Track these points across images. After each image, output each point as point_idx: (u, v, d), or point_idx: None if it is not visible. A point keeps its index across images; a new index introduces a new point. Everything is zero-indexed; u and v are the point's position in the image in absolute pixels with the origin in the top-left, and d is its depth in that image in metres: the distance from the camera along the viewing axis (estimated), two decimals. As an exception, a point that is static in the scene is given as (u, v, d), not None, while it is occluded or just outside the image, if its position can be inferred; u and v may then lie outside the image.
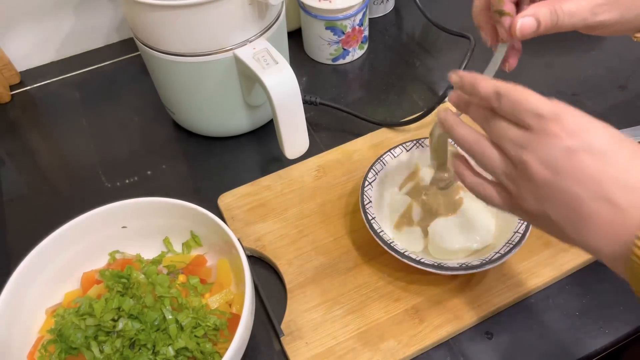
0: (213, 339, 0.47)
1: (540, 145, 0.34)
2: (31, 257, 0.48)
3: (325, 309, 0.51)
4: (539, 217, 0.37)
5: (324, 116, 0.70)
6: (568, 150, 0.34)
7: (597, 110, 0.67)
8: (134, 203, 0.52)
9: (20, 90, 0.78)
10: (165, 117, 0.71)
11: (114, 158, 0.68)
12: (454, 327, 0.49)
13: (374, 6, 0.83)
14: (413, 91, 0.73)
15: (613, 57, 0.75)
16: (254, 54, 0.55)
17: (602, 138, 0.34)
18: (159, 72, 0.61)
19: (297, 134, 0.57)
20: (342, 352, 0.48)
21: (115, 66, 0.80)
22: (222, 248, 0.51)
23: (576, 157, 0.34)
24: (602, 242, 0.34)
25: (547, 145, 0.34)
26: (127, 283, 0.48)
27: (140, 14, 0.54)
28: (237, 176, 0.63)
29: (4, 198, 0.65)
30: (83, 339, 0.45)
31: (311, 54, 0.78)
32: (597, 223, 0.34)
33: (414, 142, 0.57)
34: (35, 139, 0.72)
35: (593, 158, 0.33)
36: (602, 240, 0.34)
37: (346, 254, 0.55)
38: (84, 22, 0.79)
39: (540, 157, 0.34)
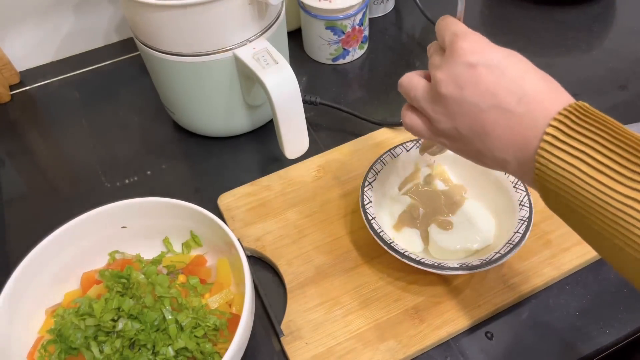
0: (213, 339, 0.47)
1: (449, 62, 0.39)
2: (31, 257, 0.48)
3: (325, 309, 0.51)
4: (452, 136, 0.40)
5: (324, 116, 0.70)
6: (469, 65, 0.37)
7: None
8: (134, 203, 0.52)
9: (20, 90, 0.78)
10: (165, 117, 0.71)
11: (114, 158, 0.68)
12: (454, 327, 0.49)
13: (374, 6, 0.83)
14: (413, 91, 0.73)
15: (613, 57, 0.75)
16: (253, 54, 0.55)
17: (499, 55, 0.38)
18: (158, 72, 0.61)
19: (297, 134, 0.57)
20: (342, 352, 0.48)
21: (115, 66, 0.80)
22: (222, 248, 0.51)
23: (475, 71, 0.37)
24: (506, 153, 0.37)
25: (453, 62, 0.38)
26: (127, 283, 0.48)
27: (140, 14, 0.54)
28: (237, 176, 0.63)
29: (4, 198, 0.65)
30: (83, 339, 0.45)
31: (311, 54, 0.78)
32: (497, 132, 0.37)
33: (414, 142, 0.57)
34: (35, 139, 0.72)
35: (489, 71, 0.37)
36: (505, 150, 0.37)
37: (346, 254, 0.55)
38: (83, 22, 0.79)
39: (448, 73, 0.38)
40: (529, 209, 0.50)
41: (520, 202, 0.51)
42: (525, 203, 0.51)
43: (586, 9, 0.82)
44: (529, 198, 0.51)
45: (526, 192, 0.52)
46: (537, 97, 0.36)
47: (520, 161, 0.37)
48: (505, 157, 0.37)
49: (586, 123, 0.34)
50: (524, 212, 0.50)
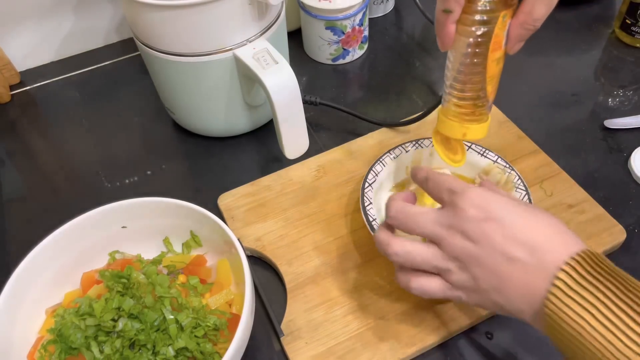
0: (213, 339, 0.47)
1: (455, 219, 0.39)
2: (31, 257, 0.48)
3: (325, 309, 0.51)
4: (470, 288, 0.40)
5: (324, 116, 0.70)
6: (477, 219, 0.38)
7: (596, 110, 0.68)
8: (134, 203, 0.52)
9: (20, 90, 0.78)
10: (165, 117, 0.71)
11: (114, 158, 0.68)
12: (454, 327, 0.49)
13: (374, 6, 0.83)
14: (413, 91, 0.73)
15: (613, 57, 0.75)
16: (253, 54, 0.55)
17: (504, 206, 0.39)
18: (158, 72, 0.61)
19: (297, 134, 0.57)
20: (342, 352, 0.48)
21: (115, 66, 0.80)
22: (222, 248, 0.51)
23: (485, 225, 0.38)
24: (522, 302, 0.37)
25: (460, 219, 0.39)
26: (127, 283, 0.48)
27: (140, 14, 0.54)
28: (237, 176, 0.63)
29: (4, 198, 0.65)
30: (83, 339, 0.45)
31: (311, 54, 0.78)
32: (513, 283, 0.37)
33: (414, 142, 0.57)
34: (35, 139, 0.72)
35: (498, 225, 0.38)
36: (520, 300, 0.38)
37: (346, 254, 0.55)
38: (83, 22, 0.79)
39: (458, 230, 0.39)
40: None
41: (520, 202, 0.51)
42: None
43: (586, 9, 0.82)
44: (529, 197, 0.51)
45: (526, 191, 0.52)
46: (548, 246, 0.37)
47: (535, 309, 0.37)
48: (521, 308, 0.38)
49: (596, 272, 0.34)
50: (524, 212, 0.50)
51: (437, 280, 0.41)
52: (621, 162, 0.62)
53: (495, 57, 0.41)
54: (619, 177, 0.61)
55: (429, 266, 0.41)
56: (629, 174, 0.61)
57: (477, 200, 0.39)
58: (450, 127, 0.46)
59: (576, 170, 0.60)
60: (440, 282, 0.41)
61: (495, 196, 0.39)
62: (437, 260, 0.41)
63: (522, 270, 0.37)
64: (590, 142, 0.65)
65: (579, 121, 0.67)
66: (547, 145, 0.62)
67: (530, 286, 0.37)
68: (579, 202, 0.56)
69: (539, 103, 0.69)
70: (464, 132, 0.45)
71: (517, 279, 0.37)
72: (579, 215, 0.55)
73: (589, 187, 0.58)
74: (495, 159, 0.55)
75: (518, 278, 0.37)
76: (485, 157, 0.55)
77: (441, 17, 0.40)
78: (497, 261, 0.38)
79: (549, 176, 0.59)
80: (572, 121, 0.67)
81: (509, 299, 0.38)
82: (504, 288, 0.38)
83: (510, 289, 0.38)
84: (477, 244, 0.38)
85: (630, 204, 0.58)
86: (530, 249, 0.37)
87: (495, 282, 0.38)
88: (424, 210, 0.42)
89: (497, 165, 0.54)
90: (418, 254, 0.41)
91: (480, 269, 0.38)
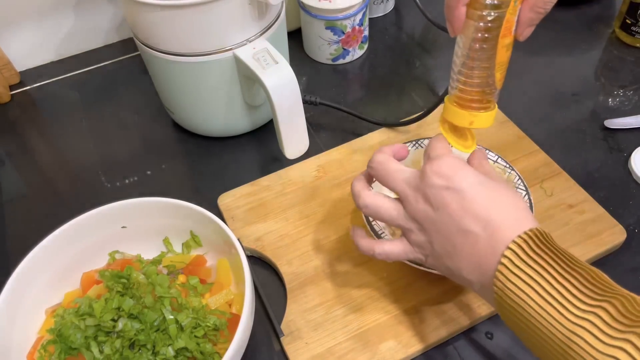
0: (213, 339, 0.47)
1: (422, 182, 0.40)
2: (31, 257, 0.48)
3: (325, 309, 0.51)
4: (427, 250, 0.42)
5: (324, 116, 0.70)
6: (440, 187, 0.39)
7: (597, 110, 0.68)
8: (134, 203, 0.52)
9: (20, 90, 0.78)
10: (165, 117, 0.71)
11: (113, 158, 0.68)
12: (454, 327, 0.49)
13: (374, 6, 0.83)
14: (413, 91, 0.73)
15: (613, 57, 0.75)
16: (253, 54, 0.55)
17: (470, 180, 0.39)
18: (158, 72, 0.61)
19: (297, 134, 0.57)
20: (342, 352, 0.48)
21: (115, 66, 0.80)
22: (222, 248, 0.51)
23: (445, 194, 0.39)
24: (471, 273, 0.39)
25: (425, 184, 0.40)
26: (127, 283, 0.48)
27: (140, 14, 0.54)
28: (237, 176, 0.63)
29: (4, 198, 0.65)
30: (83, 339, 0.45)
31: (311, 54, 0.78)
32: (464, 254, 0.39)
33: (414, 142, 0.57)
34: (35, 139, 0.72)
35: (459, 197, 0.39)
36: (470, 271, 0.39)
37: (346, 254, 0.55)
38: (83, 22, 0.79)
39: (422, 193, 0.40)
40: (529, 209, 0.50)
41: (520, 202, 0.51)
42: (526, 202, 0.51)
43: (586, 9, 0.82)
44: (529, 197, 0.51)
45: (526, 191, 0.52)
46: (501, 224, 0.38)
47: (483, 284, 0.38)
48: (470, 279, 0.39)
49: (541, 250, 0.36)
50: (524, 212, 0.50)
51: (398, 244, 0.43)
52: (621, 162, 0.62)
53: (505, 43, 0.41)
54: (619, 177, 0.61)
55: (393, 223, 0.43)
56: (629, 174, 0.61)
57: (444, 168, 0.40)
58: (457, 115, 0.45)
59: (576, 170, 0.60)
60: (402, 245, 0.43)
61: (464, 169, 0.40)
62: (401, 218, 0.42)
63: (473, 243, 0.38)
64: (590, 142, 0.65)
65: (579, 121, 0.67)
66: (547, 145, 0.62)
67: (480, 260, 0.38)
68: (579, 202, 0.56)
69: (539, 103, 0.69)
70: (472, 120, 0.45)
71: (467, 251, 0.39)
72: (579, 215, 0.55)
73: (589, 187, 0.58)
74: (496, 159, 0.55)
75: (469, 250, 0.39)
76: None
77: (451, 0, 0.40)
78: (450, 230, 0.39)
79: (549, 176, 0.59)
80: (572, 121, 0.67)
81: (459, 268, 0.40)
82: (456, 257, 0.40)
83: (462, 258, 0.39)
84: (435, 211, 0.40)
85: (630, 204, 0.58)
86: (484, 224, 0.38)
87: (448, 249, 0.40)
88: (402, 168, 0.43)
89: (497, 165, 0.54)
90: (386, 210, 0.43)
91: (437, 234, 0.40)
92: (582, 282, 0.34)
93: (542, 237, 0.37)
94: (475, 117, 0.45)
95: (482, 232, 0.38)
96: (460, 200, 0.39)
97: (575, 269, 0.35)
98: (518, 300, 0.35)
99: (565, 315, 0.33)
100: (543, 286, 0.34)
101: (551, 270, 0.35)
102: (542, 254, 0.36)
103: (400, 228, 0.43)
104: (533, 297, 0.35)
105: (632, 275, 0.53)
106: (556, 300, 0.34)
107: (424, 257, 0.43)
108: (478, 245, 0.38)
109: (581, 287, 0.34)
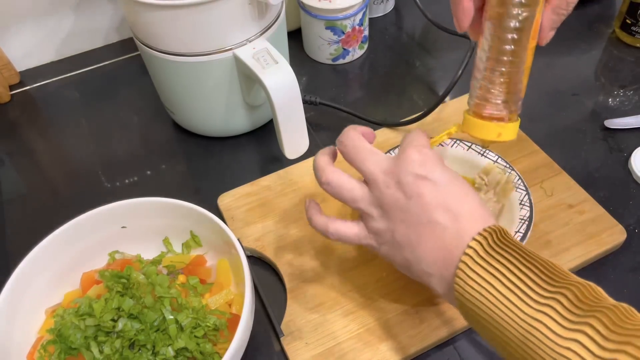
0: (213, 340, 0.46)
1: (398, 168, 0.40)
2: (31, 257, 0.48)
3: (325, 309, 0.51)
4: (385, 239, 0.41)
5: (324, 116, 0.70)
6: (418, 176, 0.39)
7: (597, 110, 0.68)
8: (133, 203, 0.52)
9: (20, 90, 0.78)
10: (165, 117, 0.71)
11: (113, 158, 0.68)
12: (454, 327, 0.49)
13: (374, 6, 0.83)
14: (413, 91, 0.73)
15: (614, 57, 0.75)
16: (253, 54, 0.55)
17: (446, 175, 0.39)
18: (158, 72, 0.61)
19: (297, 134, 0.57)
20: (342, 352, 0.48)
21: (114, 66, 0.80)
22: (222, 248, 0.51)
23: (422, 183, 0.39)
24: (432, 266, 0.39)
25: (403, 170, 0.39)
26: (126, 283, 0.48)
27: (139, 14, 0.54)
28: (237, 176, 0.63)
29: (4, 198, 0.65)
30: (82, 339, 0.45)
31: (311, 54, 0.78)
32: (429, 245, 0.38)
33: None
34: (34, 139, 0.72)
35: (435, 187, 0.39)
36: (433, 264, 0.39)
37: (346, 254, 0.55)
38: (83, 22, 0.79)
39: (396, 179, 0.40)
40: (530, 209, 0.50)
41: (521, 201, 0.51)
42: (526, 202, 0.51)
43: (586, 8, 0.82)
44: (529, 197, 0.51)
45: (526, 191, 0.52)
46: (470, 217, 0.38)
47: (443, 276, 0.38)
48: (430, 271, 0.39)
49: (502, 244, 0.36)
50: (525, 211, 0.50)
51: (354, 226, 0.42)
52: (621, 162, 0.62)
53: (532, 45, 0.41)
54: (619, 177, 0.61)
55: (354, 205, 0.42)
56: (629, 174, 0.61)
57: (427, 158, 0.40)
58: (484, 128, 0.43)
59: (576, 170, 0.60)
60: (357, 229, 0.42)
61: (442, 163, 0.41)
62: (364, 202, 0.41)
63: (440, 234, 0.38)
64: (590, 142, 0.65)
65: (579, 121, 0.67)
66: (547, 145, 0.62)
67: (444, 252, 0.38)
68: (579, 202, 0.56)
69: (539, 103, 0.69)
70: (499, 131, 0.43)
71: (433, 241, 0.38)
72: (579, 215, 0.55)
73: (589, 187, 0.58)
74: (496, 159, 0.55)
75: (435, 241, 0.38)
76: (485, 157, 0.55)
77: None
78: (420, 220, 0.39)
79: (549, 176, 0.59)
80: (572, 121, 0.67)
81: (419, 259, 0.39)
82: (419, 247, 0.39)
83: (426, 249, 0.39)
84: (408, 199, 0.39)
85: (630, 204, 0.58)
86: (453, 217, 0.38)
87: (412, 239, 0.39)
88: (375, 150, 0.42)
89: (497, 165, 0.54)
90: (348, 190, 0.42)
91: (401, 223, 0.39)
92: (538, 274, 0.34)
93: (502, 233, 0.37)
94: (503, 128, 0.43)
95: (451, 224, 0.38)
96: (434, 191, 0.39)
97: (532, 262, 0.35)
98: (480, 290, 0.35)
99: (523, 309, 0.33)
100: (505, 275, 0.35)
101: (509, 264, 0.35)
102: (504, 246, 0.36)
103: (359, 211, 0.42)
104: (495, 285, 0.35)
105: (632, 275, 0.53)
106: (514, 294, 0.34)
107: (378, 245, 0.42)
108: (444, 237, 0.38)
109: (537, 280, 0.34)
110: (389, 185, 0.40)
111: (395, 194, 0.39)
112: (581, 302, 0.32)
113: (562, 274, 0.35)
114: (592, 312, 0.32)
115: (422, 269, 0.39)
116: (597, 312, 0.32)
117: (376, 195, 0.41)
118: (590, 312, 0.32)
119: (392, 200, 0.40)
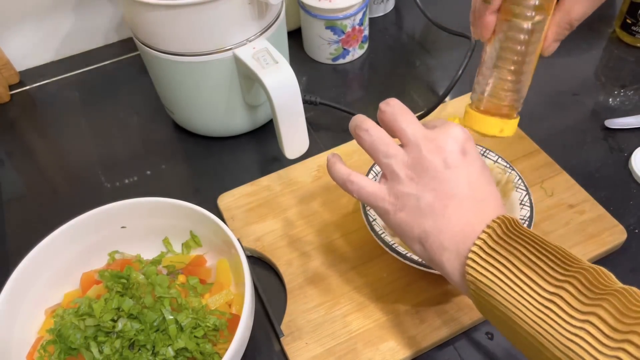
0: (213, 340, 0.46)
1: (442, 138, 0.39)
2: (31, 257, 0.48)
3: (325, 309, 0.51)
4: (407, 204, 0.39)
5: (324, 116, 0.70)
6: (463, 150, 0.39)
7: (597, 110, 0.68)
8: (133, 203, 0.52)
9: (20, 90, 0.78)
10: (165, 117, 0.71)
11: (113, 158, 0.68)
12: (454, 327, 0.49)
13: (374, 6, 0.83)
14: (413, 91, 0.73)
15: (614, 57, 0.75)
16: (253, 54, 0.55)
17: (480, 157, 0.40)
18: (158, 72, 0.61)
19: (297, 134, 0.57)
20: (342, 352, 0.48)
21: (114, 66, 0.80)
22: (222, 248, 0.51)
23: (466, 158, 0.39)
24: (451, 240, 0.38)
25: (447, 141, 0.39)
26: (126, 283, 0.48)
27: (139, 13, 0.54)
28: (236, 176, 0.63)
29: (4, 198, 0.65)
30: (82, 340, 0.45)
31: (311, 54, 0.78)
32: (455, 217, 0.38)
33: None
34: (34, 139, 0.72)
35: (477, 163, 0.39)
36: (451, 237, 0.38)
37: (346, 254, 0.55)
38: (83, 21, 0.79)
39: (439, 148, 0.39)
40: (530, 209, 0.50)
41: (521, 201, 0.51)
42: (526, 202, 0.51)
43: (586, 8, 0.82)
44: (529, 197, 0.51)
45: (527, 191, 0.52)
46: (494, 202, 0.39)
47: (460, 251, 0.38)
48: (447, 245, 0.38)
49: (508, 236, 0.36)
50: (525, 211, 0.50)
51: (374, 184, 0.41)
52: (622, 162, 0.62)
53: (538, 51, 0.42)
54: (619, 177, 0.61)
55: (385, 160, 0.40)
56: (629, 174, 0.61)
57: (467, 136, 0.40)
58: (487, 123, 0.45)
59: (577, 170, 0.60)
60: (377, 188, 0.41)
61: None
62: (396, 159, 0.40)
63: (467, 209, 0.38)
64: (590, 142, 0.64)
65: (580, 121, 0.67)
66: (547, 145, 0.62)
67: (466, 227, 0.37)
68: (579, 202, 0.56)
69: (539, 103, 0.69)
70: (502, 127, 0.44)
71: (459, 215, 0.38)
72: (580, 215, 0.55)
73: (589, 187, 0.58)
74: (496, 159, 0.55)
75: (460, 215, 0.38)
76: (485, 157, 0.55)
77: (481, 7, 0.40)
78: (452, 191, 0.38)
79: (549, 176, 0.59)
80: (573, 121, 0.67)
81: (440, 230, 0.38)
82: (443, 218, 0.38)
83: (450, 221, 0.38)
84: (446, 168, 0.38)
85: (630, 204, 0.58)
86: (482, 197, 0.38)
87: (437, 208, 0.38)
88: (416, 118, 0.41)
89: (497, 165, 0.54)
90: (385, 144, 0.40)
91: (433, 191, 0.38)
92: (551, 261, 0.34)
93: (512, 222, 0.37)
94: (506, 124, 0.44)
95: (478, 203, 0.38)
96: (472, 168, 0.39)
97: (545, 252, 0.35)
98: (492, 270, 0.35)
99: (535, 297, 0.33)
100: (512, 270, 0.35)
101: (519, 254, 0.35)
102: (517, 233, 0.36)
103: (387, 171, 0.40)
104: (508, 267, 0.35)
105: (632, 275, 0.53)
106: (525, 284, 0.34)
107: (394, 211, 0.40)
108: (470, 213, 0.38)
109: (548, 269, 0.34)
110: (431, 150, 0.39)
111: (434, 160, 0.38)
112: (590, 289, 0.32)
113: (573, 260, 0.34)
114: (600, 299, 0.32)
115: (439, 242, 0.38)
116: (604, 299, 0.32)
117: (413, 157, 0.39)
118: (598, 299, 0.32)
119: (430, 166, 0.39)
